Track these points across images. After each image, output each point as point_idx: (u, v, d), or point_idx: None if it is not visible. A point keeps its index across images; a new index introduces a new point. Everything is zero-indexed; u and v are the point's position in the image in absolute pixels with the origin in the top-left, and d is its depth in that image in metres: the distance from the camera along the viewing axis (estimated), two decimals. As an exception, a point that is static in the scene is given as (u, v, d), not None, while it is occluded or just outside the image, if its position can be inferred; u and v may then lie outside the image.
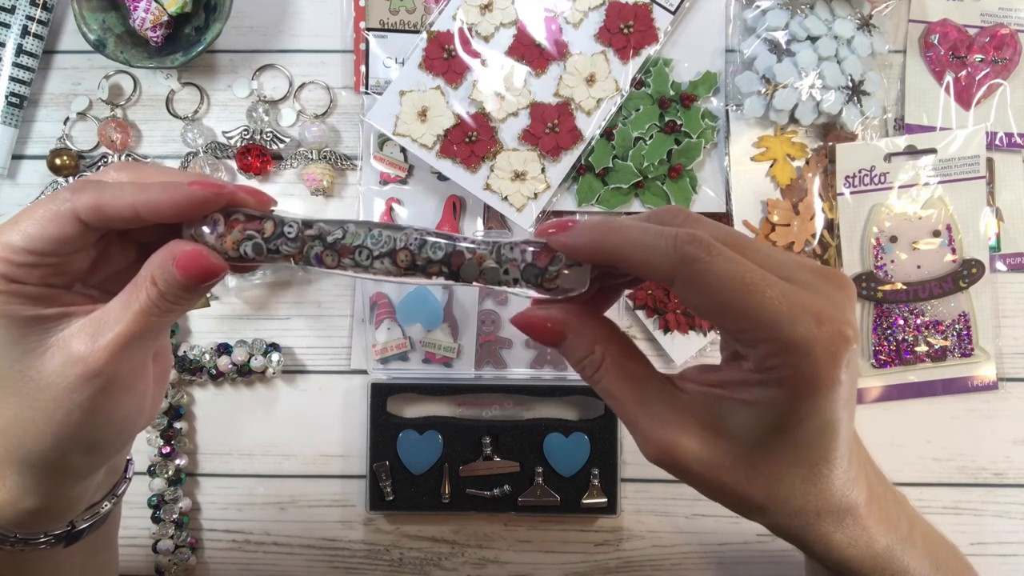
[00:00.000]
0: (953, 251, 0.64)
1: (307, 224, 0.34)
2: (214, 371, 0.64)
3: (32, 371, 0.32)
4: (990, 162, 0.65)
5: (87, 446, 0.34)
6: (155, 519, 0.64)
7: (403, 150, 0.65)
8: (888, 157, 0.64)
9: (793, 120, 0.64)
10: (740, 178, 0.65)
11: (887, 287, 0.64)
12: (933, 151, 0.64)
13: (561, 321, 0.34)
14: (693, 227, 0.31)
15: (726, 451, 0.32)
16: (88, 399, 0.32)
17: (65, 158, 0.64)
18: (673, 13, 0.64)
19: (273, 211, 0.35)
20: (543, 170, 0.63)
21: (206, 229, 0.33)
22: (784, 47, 0.63)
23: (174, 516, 0.64)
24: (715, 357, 0.33)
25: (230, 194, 0.33)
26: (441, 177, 0.65)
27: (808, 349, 0.29)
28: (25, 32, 0.64)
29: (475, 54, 0.63)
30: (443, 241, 0.33)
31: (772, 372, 0.30)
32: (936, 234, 0.65)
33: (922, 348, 0.65)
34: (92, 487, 0.38)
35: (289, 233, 0.34)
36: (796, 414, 0.30)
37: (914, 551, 0.36)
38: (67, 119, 0.66)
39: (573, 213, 0.66)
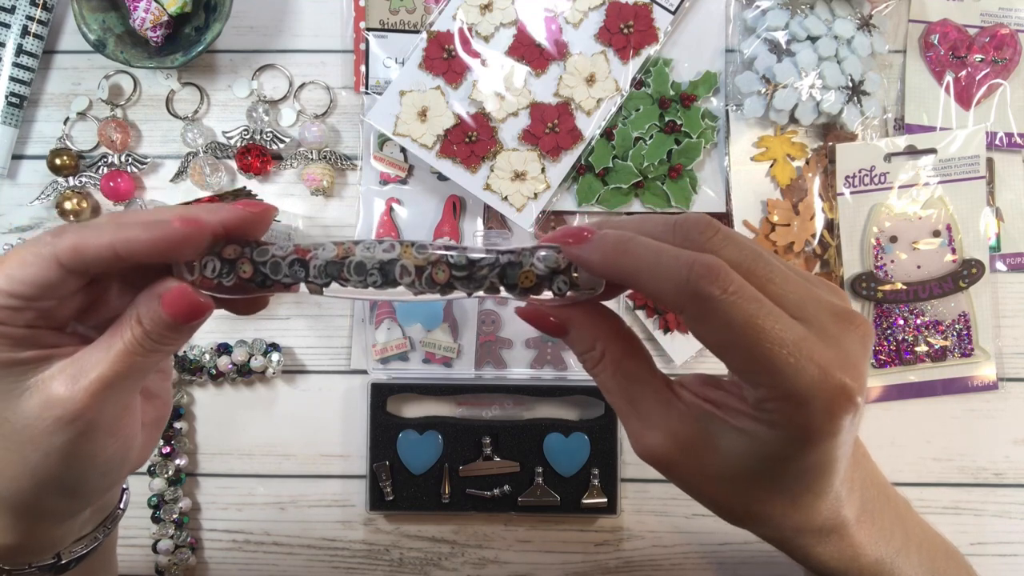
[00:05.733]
0: (953, 251, 0.64)
1: (302, 263, 0.33)
2: (214, 371, 0.64)
3: (7, 413, 0.31)
4: (990, 162, 0.65)
5: (65, 490, 0.33)
6: (155, 519, 0.64)
7: (403, 150, 0.65)
8: (888, 157, 0.64)
9: (793, 120, 0.64)
10: (740, 178, 0.65)
11: (887, 287, 0.64)
12: (933, 151, 0.64)
13: (565, 317, 0.33)
14: (721, 246, 0.30)
15: (710, 464, 0.32)
16: (67, 443, 0.31)
17: (65, 158, 0.64)
18: (673, 13, 0.64)
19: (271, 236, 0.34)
20: (543, 170, 0.63)
21: (193, 266, 0.32)
22: (784, 47, 0.63)
23: (174, 516, 0.64)
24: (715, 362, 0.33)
25: (213, 226, 0.32)
26: (441, 177, 0.65)
27: (807, 402, 0.28)
28: (25, 32, 0.64)
29: (475, 54, 0.63)
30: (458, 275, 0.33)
31: (768, 414, 0.30)
32: (936, 234, 0.65)
33: (922, 348, 0.65)
34: (77, 526, 0.38)
35: (285, 279, 0.33)
36: (785, 456, 0.30)
37: (908, 561, 0.36)
38: (67, 119, 0.66)
39: (573, 213, 0.66)
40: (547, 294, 0.33)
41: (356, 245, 0.33)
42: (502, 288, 0.33)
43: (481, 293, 0.33)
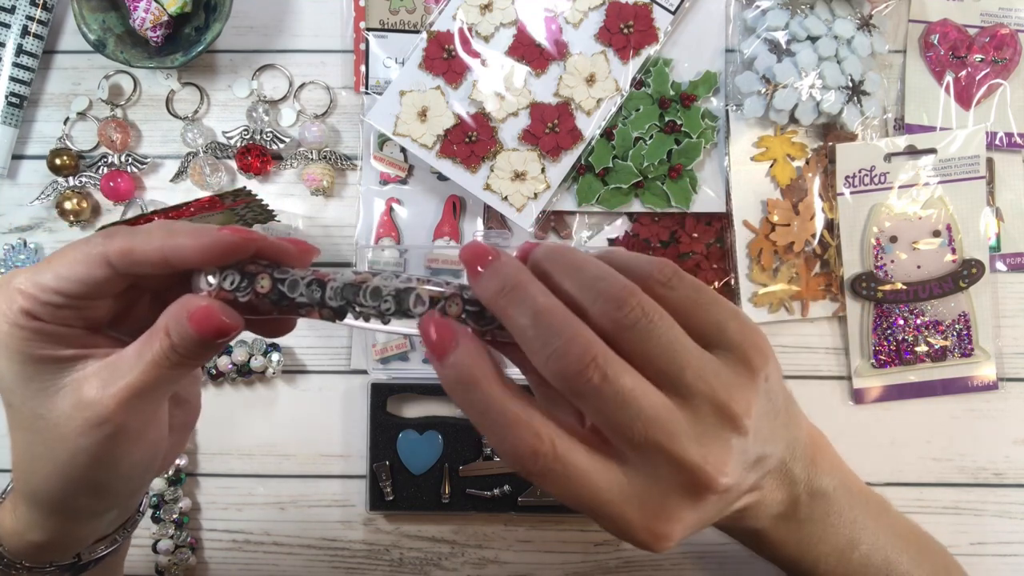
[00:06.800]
0: (953, 251, 0.64)
1: (320, 283, 0.33)
2: (214, 371, 0.64)
3: (43, 409, 0.32)
4: (990, 162, 0.65)
5: (92, 490, 0.34)
6: (155, 519, 0.64)
7: (403, 150, 0.65)
8: (888, 157, 0.64)
9: (793, 120, 0.64)
10: (740, 178, 0.65)
11: (887, 287, 0.64)
12: (933, 151, 0.64)
13: (448, 341, 0.33)
14: (626, 336, 0.29)
15: None
16: (94, 445, 0.32)
17: (65, 158, 0.64)
18: (673, 13, 0.64)
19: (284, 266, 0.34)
20: (543, 170, 0.63)
21: (211, 279, 0.32)
22: (784, 47, 0.63)
23: (174, 516, 0.64)
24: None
25: (257, 240, 0.32)
26: (441, 177, 0.65)
27: (615, 533, 0.31)
28: (25, 32, 0.64)
29: (475, 54, 0.63)
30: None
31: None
32: (936, 234, 0.65)
33: (922, 348, 0.65)
34: (102, 526, 0.38)
35: (300, 299, 0.33)
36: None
37: (841, 562, 0.38)
38: (67, 119, 0.66)
39: (573, 213, 0.66)
40: None
41: (374, 276, 0.33)
42: None
43: (491, 331, 0.32)
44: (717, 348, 0.30)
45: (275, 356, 0.64)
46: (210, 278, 0.33)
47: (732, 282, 0.65)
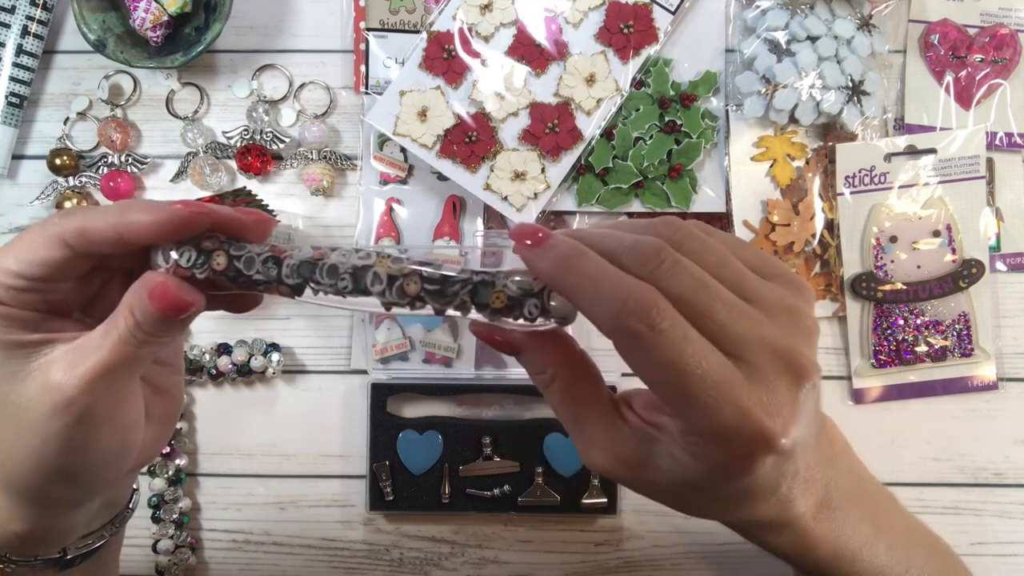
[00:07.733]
0: (953, 251, 0.64)
1: (276, 260, 0.32)
2: (214, 371, 0.64)
3: (12, 395, 0.32)
4: (990, 162, 0.65)
5: (66, 478, 0.34)
6: (155, 519, 0.64)
7: (403, 150, 0.65)
8: (888, 157, 0.64)
9: (793, 120, 0.64)
10: (740, 178, 0.65)
11: (887, 287, 0.64)
12: (933, 151, 0.64)
13: (517, 339, 0.34)
14: (667, 276, 0.29)
15: (651, 479, 0.33)
16: (63, 428, 0.31)
17: (65, 158, 0.64)
18: (673, 13, 0.64)
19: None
20: (543, 170, 0.63)
21: (169, 255, 0.32)
22: (784, 47, 0.63)
23: (174, 516, 0.64)
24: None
25: (210, 214, 0.32)
26: (441, 177, 0.65)
27: (722, 442, 0.29)
28: (25, 32, 0.64)
29: (475, 54, 0.63)
30: (433, 286, 0.32)
31: (690, 446, 0.30)
32: (936, 234, 0.65)
33: (922, 348, 0.65)
34: (84, 518, 0.38)
35: (257, 276, 0.33)
36: (711, 483, 0.31)
37: (874, 554, 0.37)
38: (67, 119, 0.66)
39: (573, 213, 0.66)
40: (520, 321, 0.32)
41: (333, 251, 0.33)
42: (473, 307, 0.32)
43: (451, 310, 0.32)
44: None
45: (275, 356, 0.64)
46: (168, 255, 0.32)
47: (732, 282, 0.65)
